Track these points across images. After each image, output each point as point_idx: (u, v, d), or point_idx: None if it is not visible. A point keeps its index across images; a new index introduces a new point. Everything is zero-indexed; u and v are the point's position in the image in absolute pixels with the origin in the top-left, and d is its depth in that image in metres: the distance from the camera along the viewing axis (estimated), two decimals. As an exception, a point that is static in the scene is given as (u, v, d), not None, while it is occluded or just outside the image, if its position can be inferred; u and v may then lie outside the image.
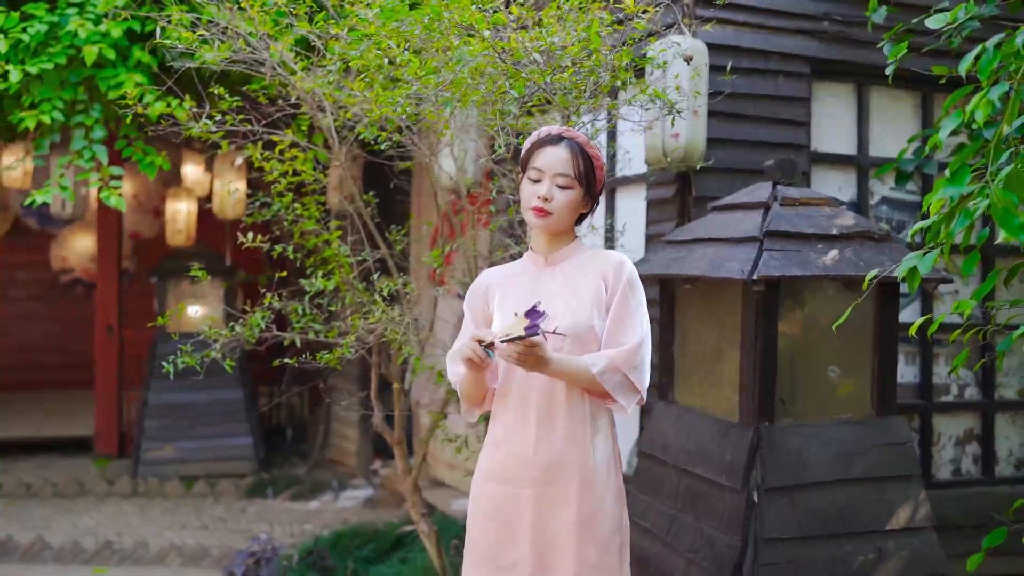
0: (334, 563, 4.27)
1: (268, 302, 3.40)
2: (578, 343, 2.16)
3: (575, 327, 2.15)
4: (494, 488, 2.21)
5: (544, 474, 2.15)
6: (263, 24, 3.28)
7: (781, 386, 2.92)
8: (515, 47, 2.58)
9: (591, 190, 2.23)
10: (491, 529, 2.20)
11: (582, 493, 2.14)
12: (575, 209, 2.21)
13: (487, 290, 2.30)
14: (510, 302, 2.23)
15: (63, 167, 4.56)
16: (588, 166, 2.20)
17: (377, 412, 3.77)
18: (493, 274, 2.34)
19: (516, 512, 2.17)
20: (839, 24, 3.94)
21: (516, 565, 2.15)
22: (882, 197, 4.17)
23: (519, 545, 2.15)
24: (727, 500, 2.88)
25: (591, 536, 2.14)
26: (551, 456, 2.15)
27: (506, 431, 2.21)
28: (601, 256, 2.26)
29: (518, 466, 2.17)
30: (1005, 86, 2.23)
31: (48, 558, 5.03)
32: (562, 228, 2.23)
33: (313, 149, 3.59)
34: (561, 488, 2.15)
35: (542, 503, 2.15)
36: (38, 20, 4.42)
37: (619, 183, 4.16)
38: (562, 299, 2.20)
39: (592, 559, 2.13)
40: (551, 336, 2.12)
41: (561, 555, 2.13)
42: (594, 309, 2.18)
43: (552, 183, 2.17)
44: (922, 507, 2.97)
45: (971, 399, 4.28)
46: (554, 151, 2.18)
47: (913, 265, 2.32)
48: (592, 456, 2.16)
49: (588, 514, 2.14)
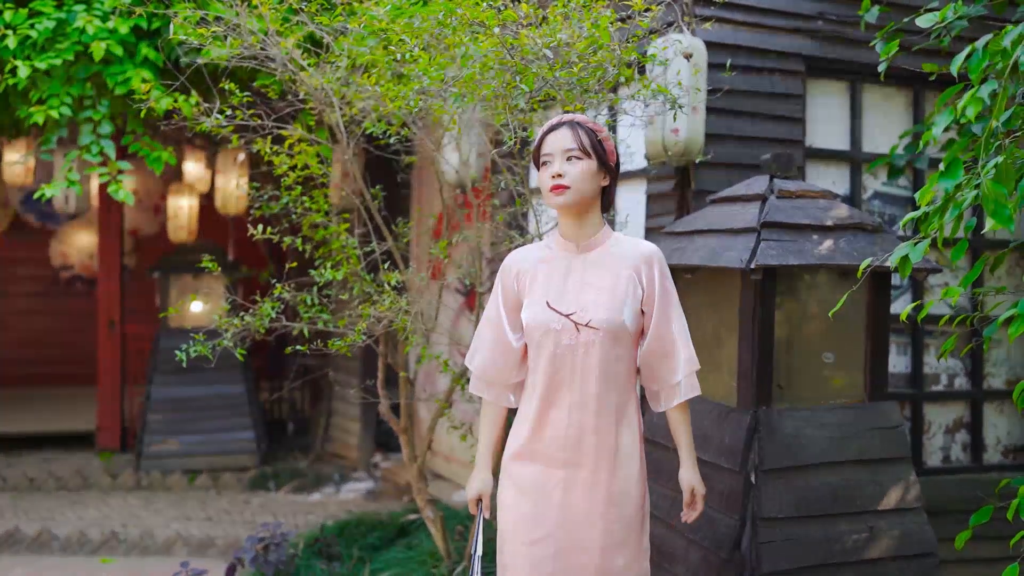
0: (340, 550, 4.36)
1: (279, 292, 3.48)
2: (611, 337, 2.23)
3: (609, 323, 2.23)
4: (525, 468, 2.30)
5: (574, 456, 2.25)
6: (273, 21, 3.37)
7: (778, 372, 3.03)
8: (524, 43, 2.68)
9: (603, 162, 2.28)
10: (522, 506, 2.29)
11: (610, 475, 2.25)
12: (591, 178, 2.25)
13: (518, 274, 2.35)
14: (539, 291, 2.29)
15: (71, 162, 4.63)
16: (593, 138, 2.27)
17: (383, 401, 3.86)
18: (524, 257, 2.38)
19: (546, 491, 2.26)
20: (833, 23, 4.05)
21: (544, 541, 2.25)
22: (874, 192, 4.28)
23: (548, 522, 2.25)
24: (726, 481, 2.98)
25: (618, 515, 2.26)
26: (582, 440, 2.25)
27: (538, 414, 2.29)
28: (632, 246, 2.32)
29: (549, 448, 2.27)
30: (994, 84, 2.34)
31: (55, 548, 5.10)
32: (584, 201, 2.25)
33: (319, 144, 3.68)
34: (590, 470, 2.25)
35: (572, 483, 2.25)
36: (46, 16, 4.49)
37: (620, 177, 4.23)
38: (595, 290, 2.26)
39: (618, 536, 2.25)
40: (583, 328, 2.20)
41: (589, 532, 2.25)
42: (628, 304, 2.25)
43: (562, 160, 2.24)
44: (912, 488, 3.08)
45: (960, 388, 4.40)
46: (556, 134, 2.28)
47: (905, 254, 2.42)
48: (620, 440, 2.27)
49: (615, 495, 2.26)
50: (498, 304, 2.38)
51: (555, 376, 2.26)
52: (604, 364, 2.24)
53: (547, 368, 2.27)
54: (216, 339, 3.41)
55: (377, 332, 3.53)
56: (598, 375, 2.23)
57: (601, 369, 2.24)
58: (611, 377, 2.26)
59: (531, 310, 2.29)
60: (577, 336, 2.23)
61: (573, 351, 2.23)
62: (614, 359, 2.26)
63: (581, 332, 2.20)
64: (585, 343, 2.22)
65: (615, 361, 2.26)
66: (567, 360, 2.24)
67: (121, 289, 7.19)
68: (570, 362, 2.24)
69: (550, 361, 2.26)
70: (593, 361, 2.23)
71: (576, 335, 2.23)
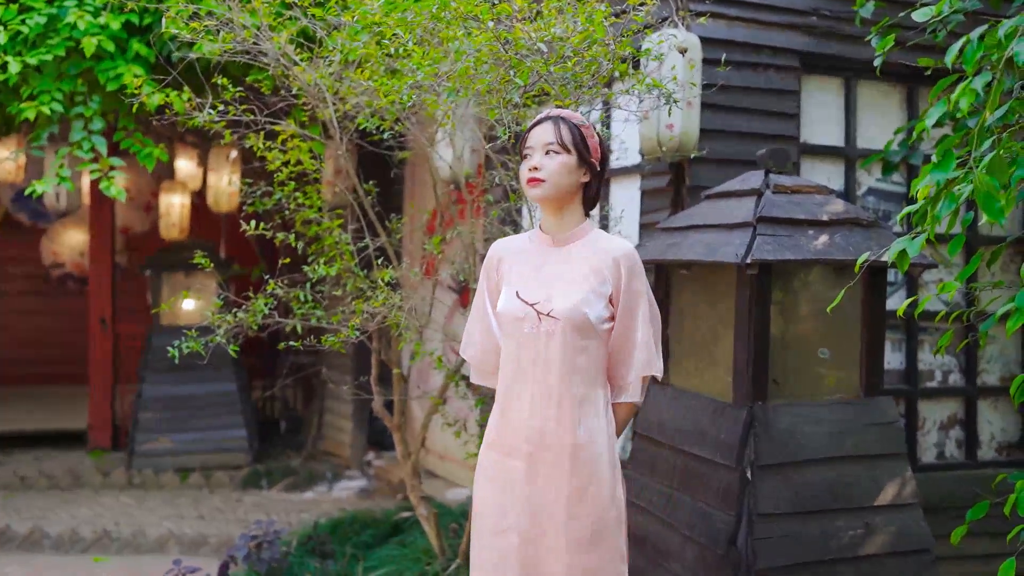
0: (333, 548, 4.34)
1: (272, 288, 3.46)
2: (572, 328, 2.22)
3: (571, 313, 2.21)
4: (493, 456, 2.31)
5: (534, 447, 2.23)
6: (266, 16, 3.34)
7: (773, 367, 3.02)
8: (518, 37, 2.66)
9: (585, 158, 2.27)
10: (489, 495, 2.29)
11: (570, 469, 2.21)
12: (568, 173, 2.24)
13: (498, 262, 2.37)
14: (513, 281, 2.31)
15: (62, 158, 4.60)
16: (576, 134, 2.26)
17: (377, 398, 3.84)
18: (505, 246, 2.40)
19: (511, 481, 2.26)
20: (827, 19, 4.04)
21: (511, 532, 2.24)
22: (869, 188, 4.28)
23: (513, 513, 2.24)
24: (722, 478, 2.97)
25: (581, 511, 2.21)
26: (542, 431, 2.23)
27: (505, 403, 2.30)
28: (607, 243, 2.30)
29: (512, 438, 2.26)
30: (988, 75, 2.33)
31: (47, 547, 5.06)
32: (560, 196, 2.25)
33: (312, 140, 3.66)
34: (551, 463, 2.22)
35: (534, 475, 2.23)
36: (37, 12, 4.46)
37: (615, 173, 4.24)
38: (563, 282, 2.26)
39: (586, 534, 2.21)
40: (544, 318, 2.20)
41: (554, 527, 2.21)
42: (593, 299, 2.23)
43: (541, 154, 2.24)
44: (908, 484, 3.08)
45: (955, 385, 4.40)
46: (539, 128, 2.29)
47: (902, 248, 2.41)
48: (581, 434, 2.22)
49: (576, 490, 2.21)
50: (483, 294, 2.40)
51: (519, 365, 2.27)
52: (566, 355, 2.22)
53: (511, 357, 2.29)
54: (208, 336, 3.38)
55: (370, 328, 3.51)
56: (559, 366, 2.22)
57: (562, 360, 2.22)
58: (575, 369, 2.23)
59: (502, 299, 2.31)
60: (539, 325, 2.23)
61: (535, 340, 2.23)
62: (577, 351, 2.23)
63: (543, 322, 2.20)
64: (547, 332, 2.22)
65: (578, 353, 2.23)
66: (529, 349, 2.25)
67: (113, 287, 7.15)
68: (532, 351, 2.24)
69: (514, 350, 2.28)
70: (554, 352, 2.22)
71: (538, 324, 2.23)
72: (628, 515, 3.26)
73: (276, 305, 3.55)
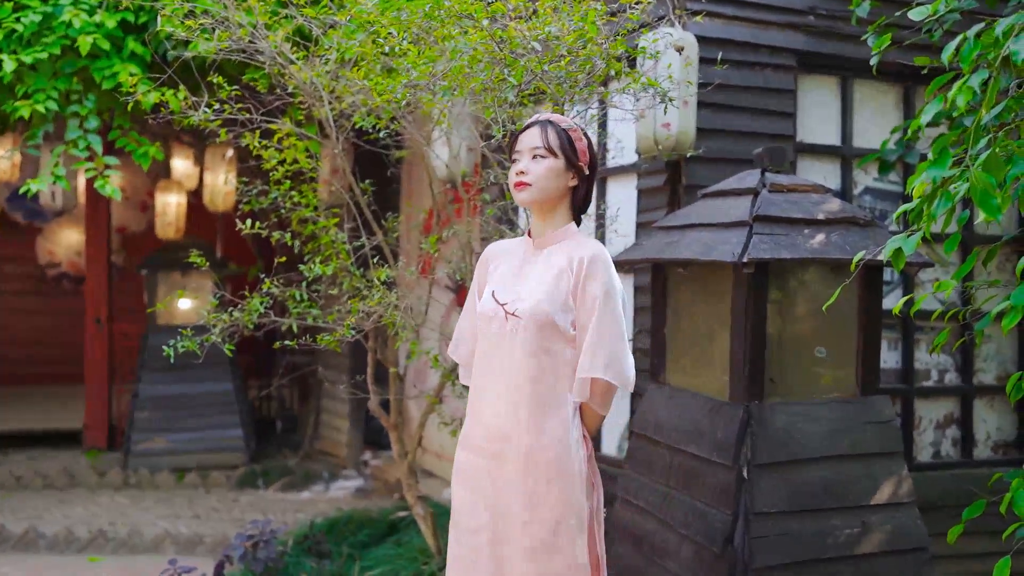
0: (329, 548, 4.33)
1: (267, 287, 3.46)
2: (535, 327, 2.20)
3: (532, 312, 2.20)
4: (464, 455, 2.32)
5: (497, 447, 2.23)
6: (262, 14, 3.33)
7: (770, 366, 3.01)
8: (513, 36, 2.66)
9: (572, 162, 2.26)
10: (460, 493, 2.31)
11: (528, 472, 2.19)
12: (555, 177, 2.24)
13: (487, 264, 2.40)
14: (496, 280, 2.33)
15: (58, 156, 4.59)
16: (564, 138, 2.25)
17: (373, 397, 3.83)
18: (495, 249, 2.43)
19: (479, 480, 2.26)
20: (824, 18, 4.04)
21: (480, 531, 2.25)
22: (865, 187, 4.28)
23: (481, 512, 2.25)
24: (718, 476, 2.97)
25: (539, 515, 2.18)
26: (502, 432, 2.23)
27: (474, 402, 2.31)
28: (577, 245, 2.26)
29: (480, 437, 2.28)
30: (985, 73, 2.33)
31: (42, 547, 5.05)
32: (547, 200, 2.25)
33: (308, 139, 3.65)
34: (511, 464, 2.21)
35: (497, 475, 2.23)
36: (32, 10, 4.46)
37: (611, 172, 4.24)
38: (532, 283, 2.26)
39: (544, 540, 2.17)
40: (511, 317, 2.21)
41: (514, 530, 2.20)
42: (555, 299, 2.21)
43: (529, 157, 2.25)
44: (904, 483, 3.07)
45: (951, 384, 4.40)
46: (528, 133, 2.29)
47: (898, 247, 2.41)
48: (542, 437, 2.19)
49: (532, 493, 2.18)
50: (473, 296, 2.42)
51: (487, 364, 2.28)
52: (529, 355, 2.20)
53: (481, 355, 2.31)
54: (204, 336, 3.38)
55: (366, 327, 3.50)
56: (522, 366, 2.21)
57: (523, 361, 2.21)
58: (538, 370, 2.21)
59: (481, 300, 2.33)
60: (505, 324, 2.23)
61: (502, 339, 2.24)
62: (541, 351, 2.21)
63: (509, 321, 2.21)
64: (511, 331, 2.22)
65: (542, 354, 2.21)
66: (496, 348, 2.25)
67: (109, 286, 7.13)
68: (499, 350, 2.25)
69: (484, 348, 2.29)
70: (518, 351, 2.21)
71: (504, 323, 2.24)
72: (623, 515, 3.27)
73: (272, 304, 3.54)
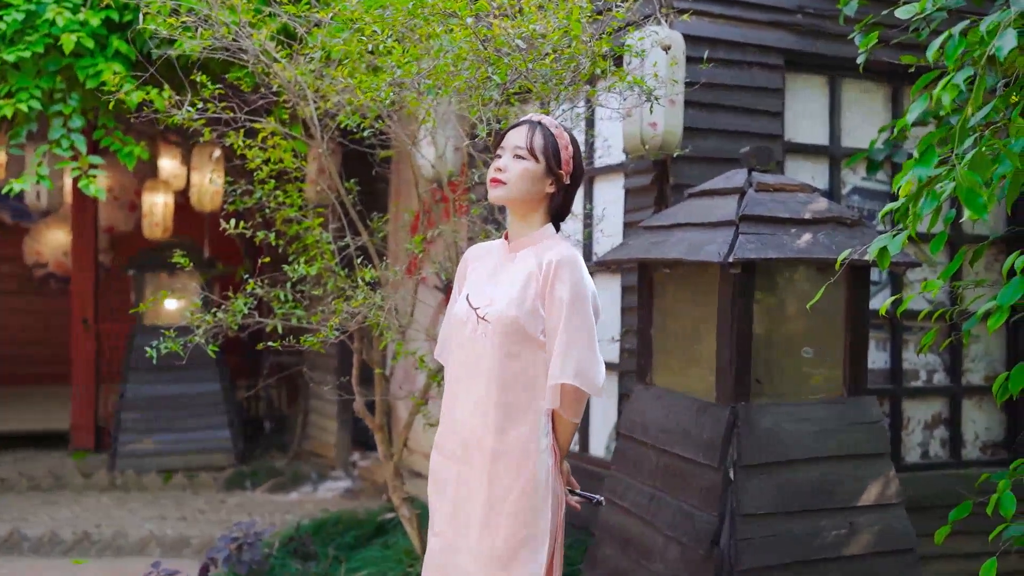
0: (315, 549, 4.30)
1: (251, 288, 3.42)
2: (502, 332, 2.16)
3: (500, 317, 2.16)
4: (435, 457, 2.31)
5: (466, 454, 2.20)
6: (245, 12, 3.30)
7: (757, 366, 3.00)
8: (497, 34, 2.63)
9: (554, 169, 2.20)
10: (431, 495, 2.30)
11: (490, 477, 2.15)
12: (532, 180, 2.18)
13: (468, 265, 2.38)
14: (471, 284, 2.30)
15: (41, 156, 4.55)
16: (549, 143, 2.20)
17: (358, 398, 3.80)
18: (475, 251, 2.41)
19: (445, 484, 2.25)
20: (812, 17, 4.03)
21: (440, 534, 2.23)
22: (854, 187, 4.27)
23: (442, 516, 2.24)
24: (705, 477, 2.95)
25: (496, 524, 2.13)
26: (467, 437, 2.20)
27: (446, 405, 2.29)
28: (547, 249, 2.21)
29: (450, 440, 2.25)
30: (970, 71, 2.31)
31: (25, 549, 5.00)
32: (522, 201, 2.20)
33: (293, 139, 3.62)
34: (476, 470, 2.18)
35: (463, 481, 2.21)
36: (15, 8, 4.41)
37: (598, 172, 4.22)
38: (502, 287, 2.22)
39: (493, 551, 2.12)
40: (481, 322, 2.19)
41: (470, 536, 2.16)
42: (523, 304, 2.16)
43: (510, 156, 2.20)
44: (892, 483, 3.06)
45: (939, 384, 4.39)
46: (515, 131, 2.24)
47: (883, 245, 2.40)
48: (507, 441, 2.15)
49: (493, 501, 2.14)
50: (455, 299, 2.38)
51: (459, 369, 2.26)
52: (496, 361, 2.17)
53: (454, 359, 2.29)
54: (188, 336, 3.34)
55: (351, 328, 3.47)
56: (489, 371, 2.17)
57: (492, 366, 2.17)
58: (506, 375, 2.16)
59: (457, 303, 2.32)
60: (476, 328, 2.21)
61: (473, 343, 2.21)
62: (509, 356, 2.17)
63: (480, 325, 2.19)
64: (482, 336, 2.19)
65: (510, 359, 2.17)
66: (468, 353, 2.23)
67: (96, 287, 7.08)
68: (469, 356, 2.22)
69: (457, 352, 2.28)
70: (487, 356, 2.18)
71: (476, 328, 2.21)
72: (610, 516, 3.24)
73: (257, 304, 3.51)
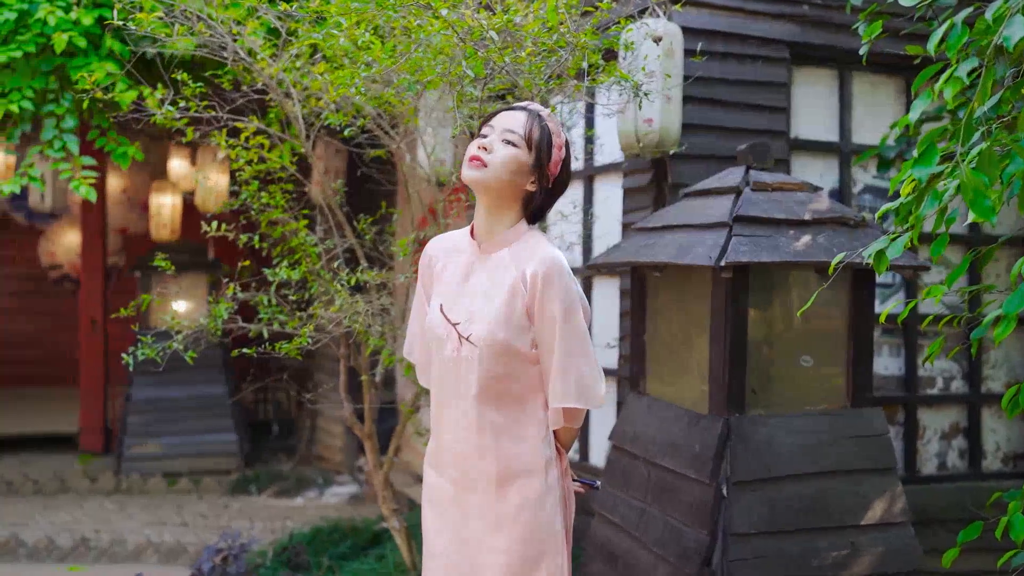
0: (308, 560, 4.20)
1: (231, 292, 3.33)
2: (491, 355, 1.98)
3: (489, 339, 1.98)
4: (430, 474, 2.14)
5: (463, 477, 2.05)
6: (233, 11, 3.21)
7: (752, 376, 2.84)
8: (470, 25, 2.49)
9: (543, 165, 2.02)
10: (429, 515, 2.13)
11: (496, 499, 2.01)
12: (516, 170, 1.98)
13: (430, 262, 2.16)
14: (443, 288, 2.09)
15: (33, 157, 4.50)
16: (544, 137, 2.01)
17: (347, 406, 3.69)
18: (439, 246, 2.17)
19: (444, 505, 2.09)
20: (819, 7, 3.85)
21: (441, 555, 2.07)
22: (865, 185, 4.08)
23: (444, 538, 2.08)
24: (695, 493, 2.79)
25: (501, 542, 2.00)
26: (464, 458, 2.04)
27: (435, 423, 2.12)
28: (528, 253, 2.01)
29: (443, 458, 2.09)
30: (975, 61, 2.15)
31: (22, 555, 4.95)
32: (498, 190, 2.00)
33: (289, 140, 3.52)
34: (479, 494, 2.03)
35: (459, 499, 2.06)
36: (7, 8, 4.36)
37: (596, 171, 4.08)
38: (482, 299, 2.02)
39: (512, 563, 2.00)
40: (465, 343, 2.00)
41: (484, 560, 2.02)
42: (511, 323, 1.98)
43: (498, 138, 1.99)
44: (898, 501, 2.88)
45: (957, 392, 4.19)
46: (509, 113, 2.04)
47: (880, 248, 2.24)
48: (511, 463, 2.01)
49: (498, 519, 2.01)
50: (420, 296, 2.19)
51: (442, 389, 2.08)
52: (484, 382, 2.00)
53: (436, 380, 2.10)
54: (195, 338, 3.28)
55: (335, 333, 3.36)
56: (476, 393, 2.00)
57: (480, 387, 2.00)
58: (496, 397, 2.01)
59: (430, 311, 2.11)
60: (459, 349, 2.02)
61: (456, 365, 2.03)
62: (498, 378, 2.00)
63: (463, 345, 2.00)
64: (466, 358, 2.01)
65: (499, 380, 2.01)
66: (451, 374, 2.04)
67: (104, 288, 7.04)
68: (453, 376, 2.04)
69: (438, 373, 2.09)
70: (472, 378, 2.00)
71: (459, 348, 2.02)
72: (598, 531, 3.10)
73: (239, 309, 3.42)
